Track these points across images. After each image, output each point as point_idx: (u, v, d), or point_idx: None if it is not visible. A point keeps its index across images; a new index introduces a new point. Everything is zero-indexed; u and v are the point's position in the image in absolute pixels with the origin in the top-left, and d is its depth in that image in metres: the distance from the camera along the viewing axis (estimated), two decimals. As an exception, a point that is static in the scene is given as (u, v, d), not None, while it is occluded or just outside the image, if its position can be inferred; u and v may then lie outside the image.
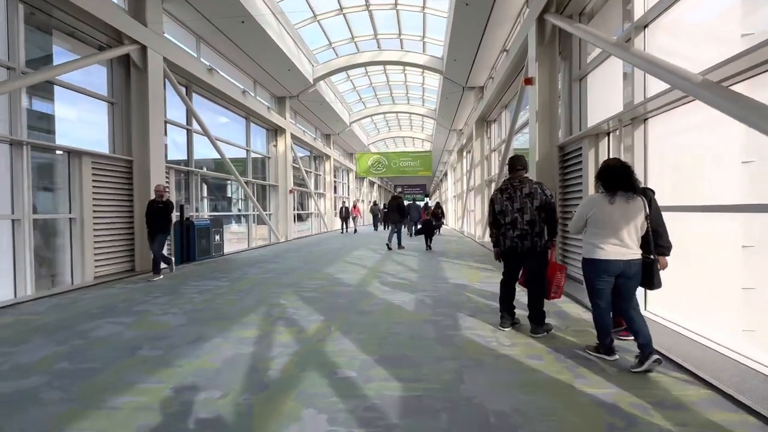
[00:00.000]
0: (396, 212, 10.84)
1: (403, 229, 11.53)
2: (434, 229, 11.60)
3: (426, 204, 17.94)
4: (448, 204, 27.92)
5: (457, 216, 21.35)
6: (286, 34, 11.15)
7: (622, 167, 2.83)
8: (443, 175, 34.33)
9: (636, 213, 2.78)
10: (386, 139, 28.30)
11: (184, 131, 9.42)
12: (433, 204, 16.36)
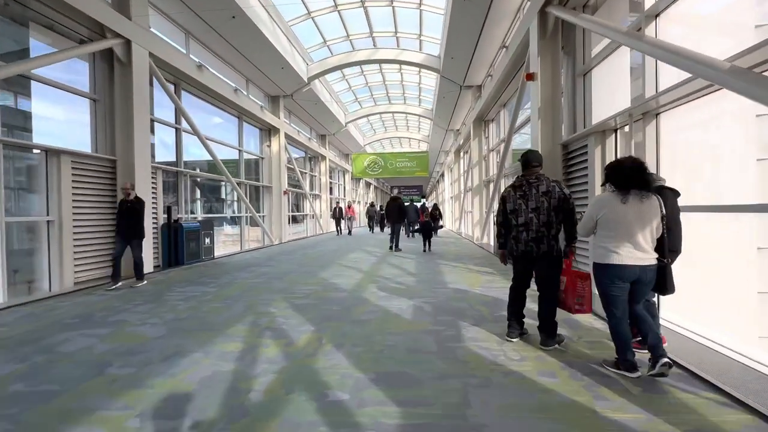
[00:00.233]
0: (396, 214, 10.72)
1: (401, 231, 11.27)
2: (433, 230, 11.33)
3: (423, 205, 17.64)
4: (444, 205, 27.68)
5: (455, 217, 21.10)
6: (280, 31, 10.84)
7: (634, 164, 2.59)
8: (440, 176, 34.13)
9: (651, 213, 2.54)
10: (382, 139, 28.03)
11: (173, 131, 9.08)
12: (431, 205, 16.07)
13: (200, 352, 3.08)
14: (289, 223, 15.46)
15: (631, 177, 2.56)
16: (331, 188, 22.46)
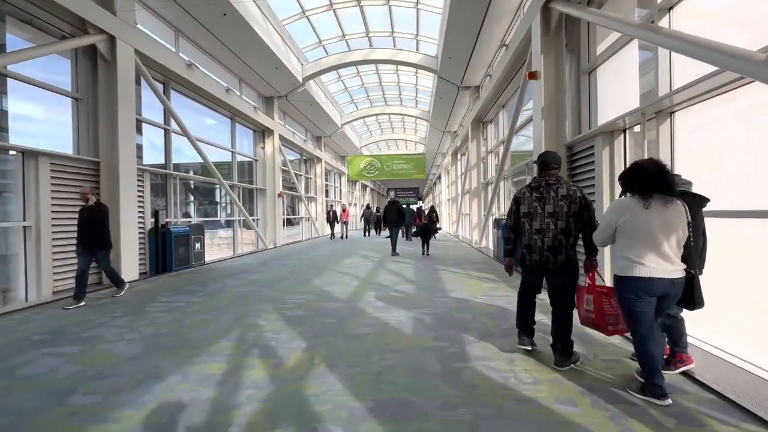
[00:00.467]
0: (395, 217, 10.61)
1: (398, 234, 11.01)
2: (431, 233, 11.09)
3: (419, 208, 17.34)
4: (442, 207, 27.44)
5: (452, 220, 20.85)
6: (273, 29, 10.55)
7: (656, 166, 2.33)
8: (437, 178, 33.91)
9: (677, 220, 2.28)
10: (378, 141, 27.77)
11: (161, 132, 8.74)
12: (427, 208, 15.79)
13: (178, 375, 2.77)
14: (283, 226, 15.12)
15: (653, 180, 2.30)
16: (326, 191, 22.13)
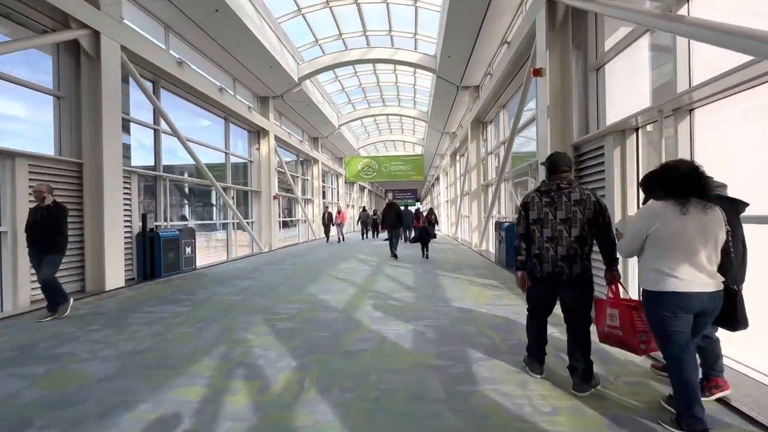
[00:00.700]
0: (393, 220, 10.43)
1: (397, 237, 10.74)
2: (430, 237, 10.82)
3: (417, 210, 17.05)
4: (440, 209, 27.20)
5: (451, 222, 20.59)
6: (268, 27, 10.26)
7: (691, 167, 2.07)
8: (435, 180, 33.68)
9: (716, 228, 2.02)
10: (376, 142, 27.50)
11: (151, 132, 8.42)
12: (426, 210, 15.50)
13: (150, 403, 2.46)
14: (279, 228, 14.80)
15: (689, 182, 2.03)
16: (324, 192, 21.83)
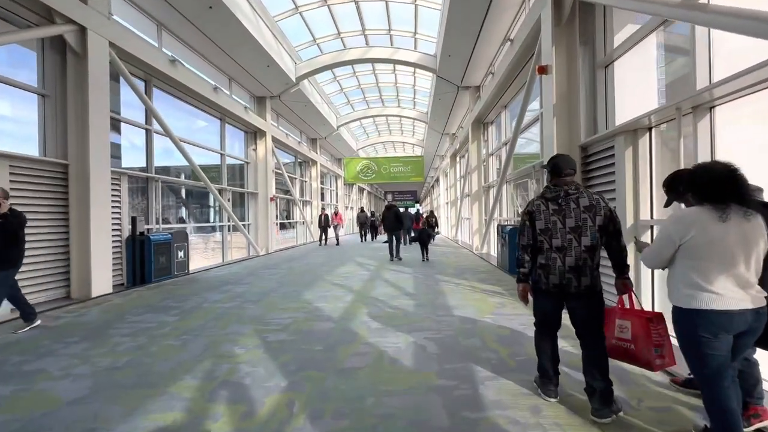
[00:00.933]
0: (393, 222, 10.35)
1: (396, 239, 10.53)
2: (430, 239, 10.62)
3: (417, 212, 16.81)
4: (440, 211, 26.96)
5: (451, 224, 20.34)
6: (264, 25, 10.03)
7: (728, 168, 1.82)
8: (434, 181, 33.44)
9: (758, 236, 1.77)
10: (376, 144, 27.28)
11: (143, 132, 8.17)
12: (426, 212, 15.26)
13: (120, 429, 2.20)
14: (277, 230, 14.52)
15: (729, 185, 1.79)
16: (322, 194, 21.57)
